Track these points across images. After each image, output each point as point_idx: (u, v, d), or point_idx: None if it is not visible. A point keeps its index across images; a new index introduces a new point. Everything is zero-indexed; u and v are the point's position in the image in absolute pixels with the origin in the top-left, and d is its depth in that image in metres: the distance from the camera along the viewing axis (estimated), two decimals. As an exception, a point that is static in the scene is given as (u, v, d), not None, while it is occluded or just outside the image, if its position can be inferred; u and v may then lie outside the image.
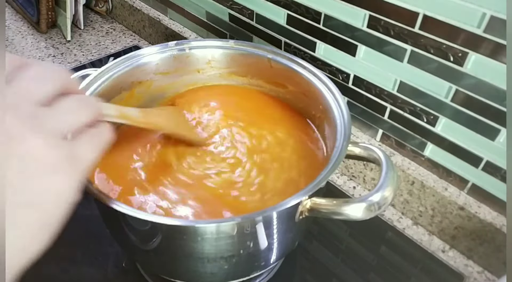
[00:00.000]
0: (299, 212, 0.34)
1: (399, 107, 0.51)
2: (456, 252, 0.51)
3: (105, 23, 0.95)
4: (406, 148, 0.54)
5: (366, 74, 0.53)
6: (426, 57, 0.46)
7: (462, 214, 0.49)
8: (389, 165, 0.34)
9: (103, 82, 0.45)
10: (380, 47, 0.49)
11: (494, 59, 0.40)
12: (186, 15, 0.77)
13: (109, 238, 0.43)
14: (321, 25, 0.54)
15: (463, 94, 0.44)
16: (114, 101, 0.47)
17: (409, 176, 0.52)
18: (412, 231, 0.54)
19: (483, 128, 0.45)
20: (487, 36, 0.40)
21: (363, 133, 0.58)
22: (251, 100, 0.52)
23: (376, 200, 0.32)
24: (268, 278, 0.47)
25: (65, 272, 0.47)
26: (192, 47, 0.50)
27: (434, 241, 0.52)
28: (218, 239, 0.33)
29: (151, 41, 0.87)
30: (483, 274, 0.49)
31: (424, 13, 0.43)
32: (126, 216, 0.31)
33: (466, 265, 0.50)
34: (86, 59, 0.83)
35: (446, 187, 0.50)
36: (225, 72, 0.52)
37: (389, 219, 0.55)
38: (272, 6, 0.59)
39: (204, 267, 0.37)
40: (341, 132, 0.39)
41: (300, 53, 0.59)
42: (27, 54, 0.83)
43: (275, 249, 0.38)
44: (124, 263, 0.49)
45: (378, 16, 0.47)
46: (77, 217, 0.55)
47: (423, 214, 0.53)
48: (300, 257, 0.50)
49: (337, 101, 0.42)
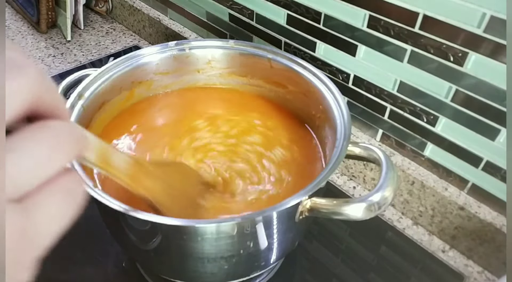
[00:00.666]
0: (299, 212, 0.34)
1: (399, 107, 0.51)
2: (456, 252, 0.51)
3: (105, 23, 0.95)
4: (406, 148, 0.54)
5: (366, 74, 0.53)
6: (426, 57, 0.45)
7: (462, 214, 0.49)
8: (389, 165, 0.34)
9: (103, 82, 0.45)
10: (380, 47, 0.49)
11: (494, 59, 0.40)
12: (186, 15, 0.77)
13: (109, 238, 0.43)
14: (321, 25, 0.54)
15: (463, 94, 0.44)
16: (114, 101, 0.47)
17: (409, 176, 0.52)
18: (412, 231, 0.54)
19: (483, 128, 0.45)
20: (487, 36, 0.40)
21: (363, 133, 0.58)
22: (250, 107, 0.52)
23: (376, 200, 0.32)
24: (268, 278, 0.47)
25: (65, 272, 0.47)
26: (192, 47, 0.50)
27: (434, 241, 0.52)
28: (218, 239, 0.33)
29: (151, 41, 0.87)
30: (483, 274, 0.49)
31: (424, 13, 0.43)
32: (126, 216, 0.31)
33: (466, 265, 0.50)
34: (86, 59, 0.83)
35: (446, 187, 0.50)
36: (225, 72, 0.52)
37: (389, 219, 0.55)
38: (272, 6, 0.59)
39: (204, 267, 0.37)
40: (341, 132, 0.39)
41: (300, 53, 0.59)
42: (27, 54, 0.83)
43: (275, 249, 0.38)
44: (124, 263, 0.49)
45: (378, 16, 0.47)
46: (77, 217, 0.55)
47: (423, 214, 0.53)
48: (300, 257, 0.50)
49: (337, 101, 0.42)
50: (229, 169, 0.43)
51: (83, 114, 0.41)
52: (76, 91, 0.42)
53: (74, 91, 0.42)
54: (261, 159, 0.45)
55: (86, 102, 0.42)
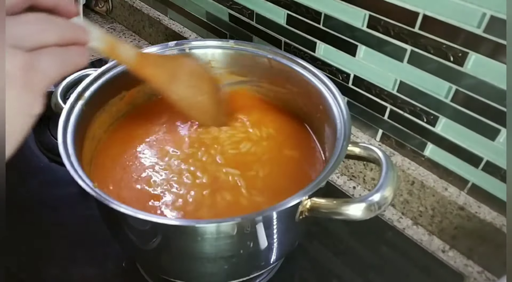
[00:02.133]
0: (299, 212, 0.34)
1: (399, 107, 0.51)
2: (456, 252, 0.51)
3: (105, 23, 0.95)
4: (406, 148, 0.54)
5: (366, 74, 0.53)
6: (426, 57, 0.45)
7: (462, 214, 0.49)
8: (389, 165, 0.34)
9: (103, 82, 0.45)
10: (380, 47, 0.49)
11: (494, 59, 0.40)
12: (186, 15, 0.77)
13: (109, 238, 0.43)
14: (321, 25, 0.54)
15: (463, 94, 0.44)
16: (114, 101, 0.47)
17: (409, 176, 0.52)
18: (412, 231, 0.54)
19: (483, 128, 0.45)
20: (487, 36, 0.40)
21: (363, 133, 0.58)
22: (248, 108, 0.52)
23: (376, 200, 0.32)
24: (268, 278, 0.47)
25: (65, 272, 0.47)
26: (192, 47, 0.50)
27: (434, 241, 0.52)
28: (218, 239, 0.33)
29: (151, 41, 0.87)
30: (483, 274, 0.49)
31: (424, 13, 0.43)
32: (126, 216, 0.31)
33: (466, 265, 0.50)
34: (86, 59, 0.82)
35: (446, 187, 0.50)
36: (225, 72, 0.52)
37: (389, 219, 0.55)
38: (272, 6, 0.59)
39: (204, 267, 0.37)
40: (341, 132, 0.39)
41: (300, 53, 0.59)
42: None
43: (275, 249, 0.38)
44: (124, 263, 0.49)
45: (378, 16, 0.47)
46: (77, 217, 0.55)
47: (423, 214, 0.53)
48: (300, 257, 0.50)
49: (337, 101, 0.42)
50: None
51: (83, 114, 0.41)
52: (76, 91, 0.42)
53: (74, 91, 0.42)
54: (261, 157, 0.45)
55: (86, 102, 0.42)
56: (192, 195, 0.41)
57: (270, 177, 0.43)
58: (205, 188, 0.41)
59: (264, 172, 0.43)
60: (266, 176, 0.43)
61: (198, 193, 0.41)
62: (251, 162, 0.44)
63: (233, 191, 0.41)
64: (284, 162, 0.45)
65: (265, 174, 0.43)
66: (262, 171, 0.43)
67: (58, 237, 0.50)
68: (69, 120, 0.39)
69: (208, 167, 0.44)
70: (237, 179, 0.42)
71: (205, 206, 0.40)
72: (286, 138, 0.48)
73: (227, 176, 0.43)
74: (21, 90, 0.21)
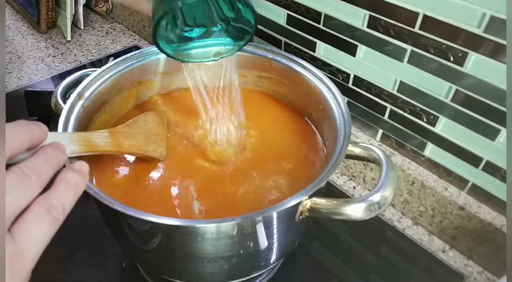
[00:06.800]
0: (299, 212, 0.34)
1: (399, 107, 0.51)
2: (456, 252, 0.51)
3: (105, 23, 0.95)
4: (406, 148, 0.54)
5: (366, 74, 0.53)
6: (426, 57, 0.45)
7: (462, 214, 0.49)
8: (389, 165, 0.34)
9: (103, 82, 0.45)
10: (380, 47, 0.49)
11: (494, 59, 0.40)
12: (186, 15, 0.77)
13: (109, 238, 0.43)
14: (321, 25, 0.54)
15: (463, 94, 0.44)
16: (114, 101, 0.47)
17: (409, 176, 0.52)
18: (412, 231, 0.54)
19: (483, 128, 0.45)
20: (487, 36, 0.40)
21: (363, 133, 0.58)
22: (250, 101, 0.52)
23: (376, 200, 0.32)
24: (268, 278, 0.47)
25: (65, 272, 0.47)
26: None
27: (434, 241, 0.52)
28: (218, 239, 0.33)
29: (151, 41, 0.87)
30: (483, 274, 0.49)
31: (424, 13, 0.43)
32: (126, 216, 0.31)
33: (466, 265, 0.50)
34: (86, 59, 0.83)
35: (446, 187, 0.50)
36: (225, 72, 0.52)
37: (389, 219, 0.55)
38: (272, 6, 0.59)
39: (204, 267, 0.37)
40: (341, 132, 0.39)
41: (300, 53, 0.59)
42: (27, 54, 0.83)
43: (275, 249, 0.38)
44: (124, 263, 0.49)
45: (378, 16, 0.47)
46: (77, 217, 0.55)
47: (423, 214, 0.53)
48: (300, 257, 0.50)
49: (337, 101, 0.42)
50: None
51: (83, 115, 0.41)
52: (76, 91, 0.42)
53: (74, 91, 0.42)
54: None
55: (86, 102, 0.42)
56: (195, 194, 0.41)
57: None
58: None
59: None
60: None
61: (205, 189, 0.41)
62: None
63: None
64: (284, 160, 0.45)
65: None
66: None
67: (58, 237, 0.50)
68: (69, 120, 0.39)
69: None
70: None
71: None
72: (286, 136, 0.48)
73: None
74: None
